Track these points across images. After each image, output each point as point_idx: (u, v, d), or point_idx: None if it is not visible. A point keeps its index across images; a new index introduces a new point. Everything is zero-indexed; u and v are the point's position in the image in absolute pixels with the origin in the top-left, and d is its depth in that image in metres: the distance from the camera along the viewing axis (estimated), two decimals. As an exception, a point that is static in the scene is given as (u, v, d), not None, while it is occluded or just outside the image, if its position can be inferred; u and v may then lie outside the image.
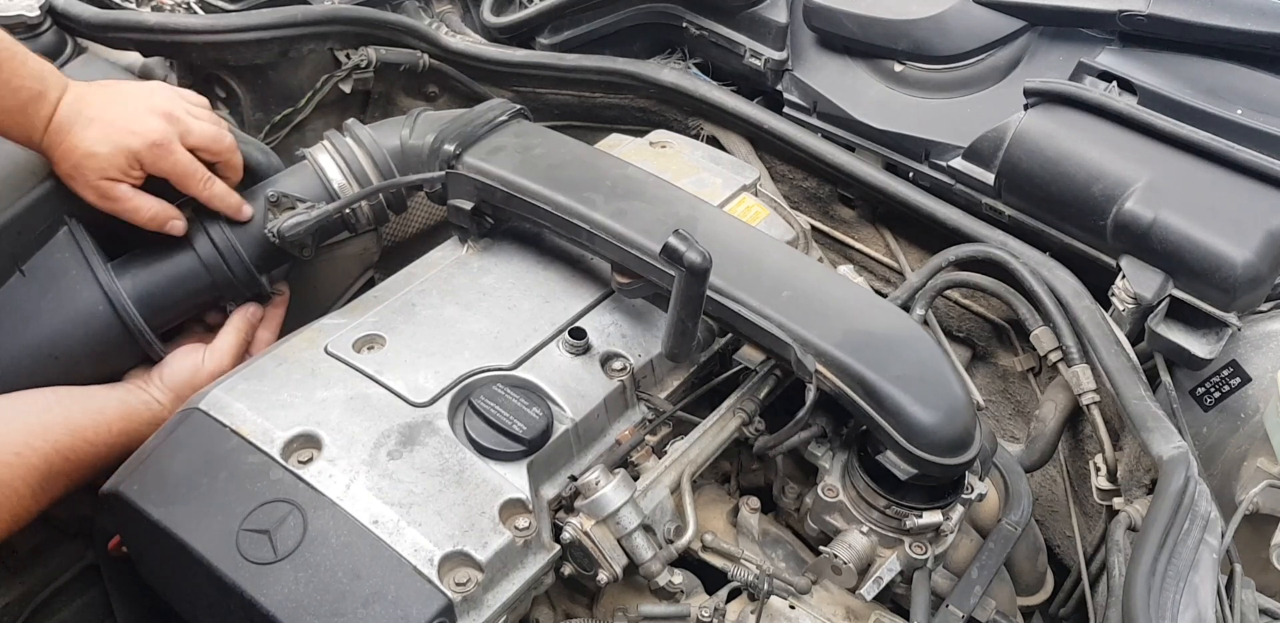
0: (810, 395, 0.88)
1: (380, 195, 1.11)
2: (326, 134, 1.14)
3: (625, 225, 0.97)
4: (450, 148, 1.07)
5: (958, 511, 0.92)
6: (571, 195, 1.01)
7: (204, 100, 1.08)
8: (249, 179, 1.15)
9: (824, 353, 0.89)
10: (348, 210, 1.09)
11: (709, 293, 0.92)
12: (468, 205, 1.06)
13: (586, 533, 0.91)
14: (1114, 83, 1.18)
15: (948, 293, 1.29)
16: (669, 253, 0.82)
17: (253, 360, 0.98)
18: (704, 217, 1.02)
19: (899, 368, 0.88)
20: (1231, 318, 1.06)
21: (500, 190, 1.03)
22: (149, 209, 1.00)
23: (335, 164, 1.11)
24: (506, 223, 1.12)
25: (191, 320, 1.12)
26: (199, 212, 1.06)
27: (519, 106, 1.16)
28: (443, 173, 1.07)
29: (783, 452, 0.98)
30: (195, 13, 1.35)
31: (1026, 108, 1.21)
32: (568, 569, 0.95)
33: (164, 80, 1.32)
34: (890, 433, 0.86)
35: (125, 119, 0.97)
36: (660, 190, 1.05)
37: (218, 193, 1.04)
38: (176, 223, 1.02)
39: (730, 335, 1.08)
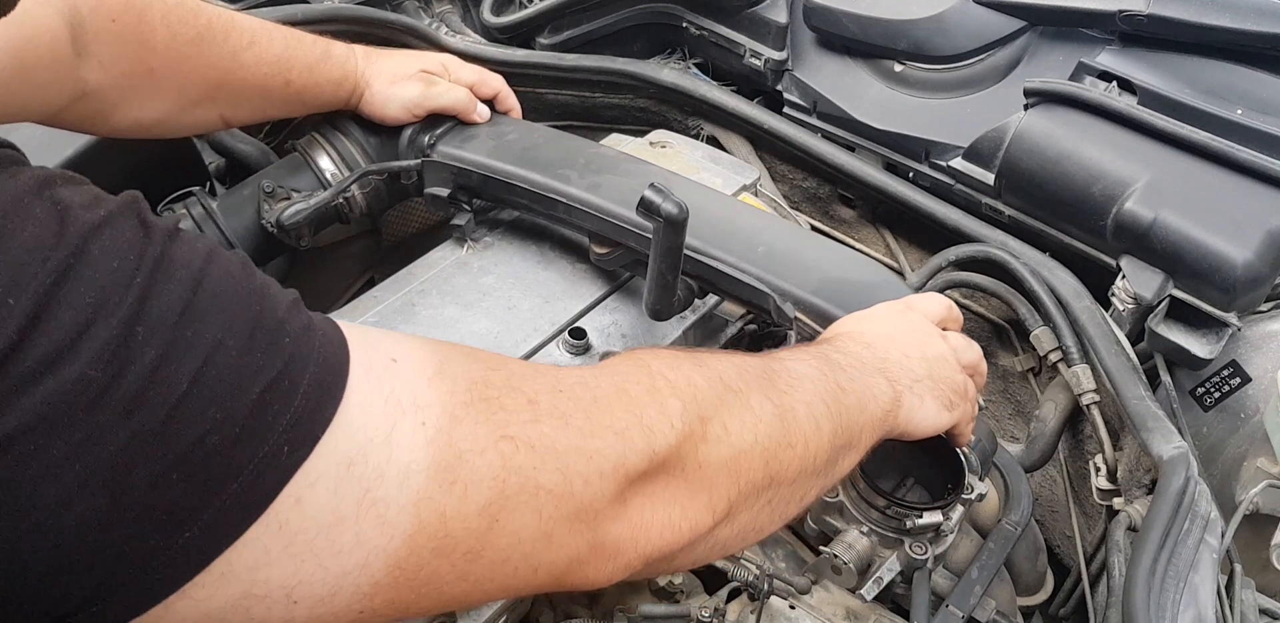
0: (792, 342, 0.90)
1: (372, 184, 1.12)
2: (315, 127, 1.15)
3: (600, 197, 0.99)
4: (425, 138, 1.09)
5: (958, 511, 0.92)
6: (546, 173, 1.03)
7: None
8: (242, 175, 1.15)
9: (801, 300, 0.91)
10: (341, 199, 1.10)
11: (687, 251, 0.93)
12: (444, 192, 1.09)
13: (586, 533, 0.90)
14: (1114, 83, 1.18)
15: (948, 293, 1.29)
16: (646, 205, 0.83)
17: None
18: (678, 186, 1.03)
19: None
20: (1231, 318, 1.06)
21: (476, 174, 1.05)
22: (457, 91, 1.11)
23: (326, 153, 1.12)
24: (487, 212, 1.14)
25: None
26: (192, 208, 1.06)
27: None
28: (418, 161, 1.08)
29: None
30: (195, 12, 1.35)
31: (1026, 108, 1.21)
32: (568, 569, 0.95)
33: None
34: None
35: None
36: (632, 165, 1.07)
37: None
38: (484, 108, 1.14)
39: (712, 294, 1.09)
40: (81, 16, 0.82)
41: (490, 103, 1.16)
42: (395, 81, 1.08)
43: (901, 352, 0.77)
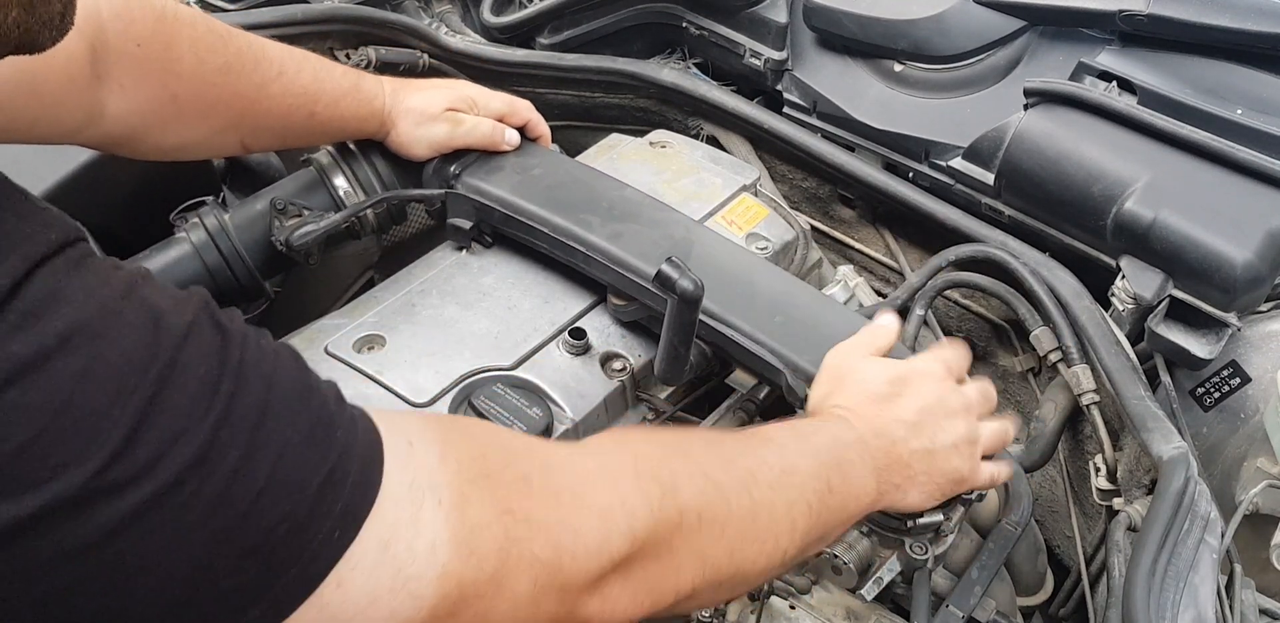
0: None
1: (385, 205, 1.11)
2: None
3: (621, 248, 0.98)
4: (450, 168, 1.08)
5: (958, 511, 0.92)
6: (568, 217, 1.02)
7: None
8: (249, 179, 1.15)
9: (815, 379, 0.89)
10: (353, 219, 1.09)
11: (702, 317, 0.93)
12: (467, 224, 1.08)
13: (586, 533, 0.90)
14: (1114, 83, 1.18)
15: (948, 293, 1.29)
16: (662, 280, 0.83)
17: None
18: (699, 240, 1.03)
19: None
20: (1231, 318, 1.06)
21: (499, 211, 1.05)
22: (484, 125, 1.10)
23: (341, 171, 1.11)
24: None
25: None
26: (205, 218, 1.06)
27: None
28: (443, 191, 1.08)
29: None
30: (195, 13, 1.35)
31: (1026, 108, 1.21)
32: (568, 570, 0.95)
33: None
34: None
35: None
36: (656, 212, 1.06)
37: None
38: (513, 135, 1.12)
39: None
40: (106, 39, 0.82)
41: (521, 129, 1.15)
42: (422, 122, 1.07)
43: (909, 447, 0.76)
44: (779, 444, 0.70)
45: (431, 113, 1.07)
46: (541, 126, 1.18)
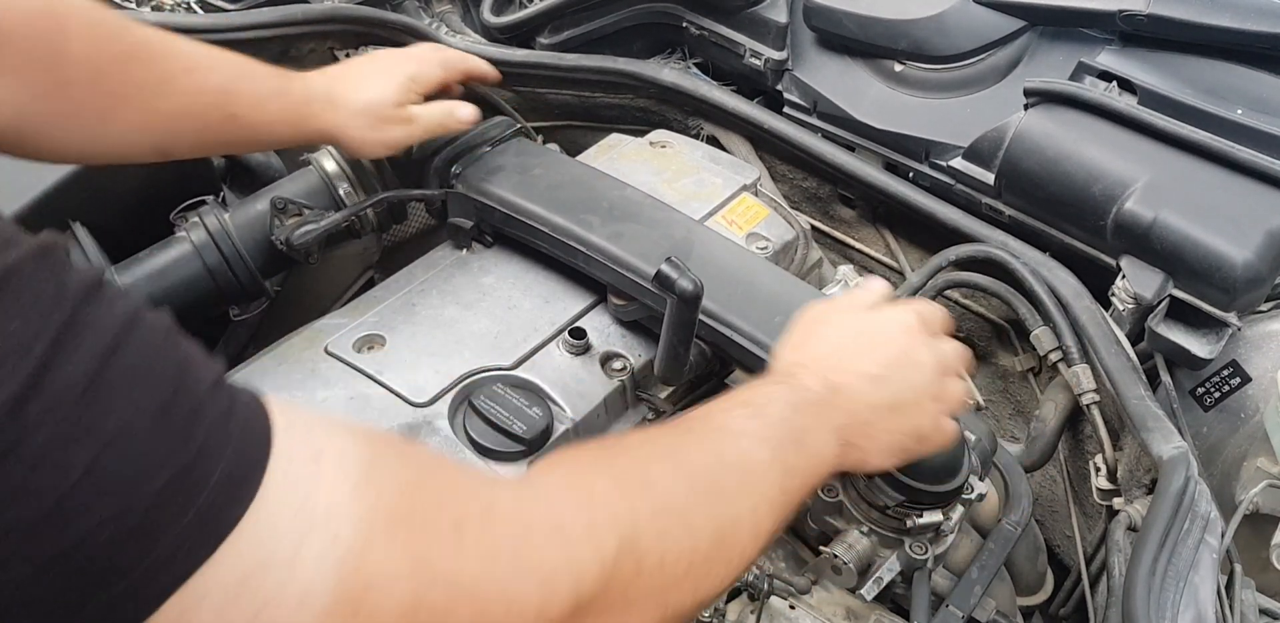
0: None
1: (385, 204, 1.11)
2: None
3: (621, 248, 0.98)
4: (451, 167, 1.08)
5: (958, 511, 0.92)
6: (569, 217, 1.02)
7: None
8: (250, 179, 1.15)
9: None
10: (353, 217, 1.09)
11: (702, 317, 0.92)
12: (467, 224, 1.08)
13: (586, 533, 0.90)
14: (1114, 83, 1.18)
15: (948, 293, 1.29)
16: (661, 280, 0.82)
17: (252, 360, 0.98)
18: (699, 240, 1.02)
19: None
20: (1231, 318, 1.06)
21: (499, 211, 1.05)
22: (435, 113, 1.04)
23: (340, 170, 1.11)
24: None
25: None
26: (205, 218, 1.06)
27: (521, 124, 1.18)
28: (443, 191, 1.08)
29: None
30: (195, 12, 1.35)
31: (1026, 108, 1.21)
32: (568, 569, 0.95)
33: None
34: None
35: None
36: (657, 212, 1.06)
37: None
38: (463, 111, 1.06)
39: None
40: None
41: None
42: (374, 125, 1.00)
43: (870, 402, 0.72)
44: (736, 433, 0.64)
45: (382, 114, 1.00)
46: (481, 68, 1.15)
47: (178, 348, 0.41)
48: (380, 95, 1.00)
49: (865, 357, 0.74)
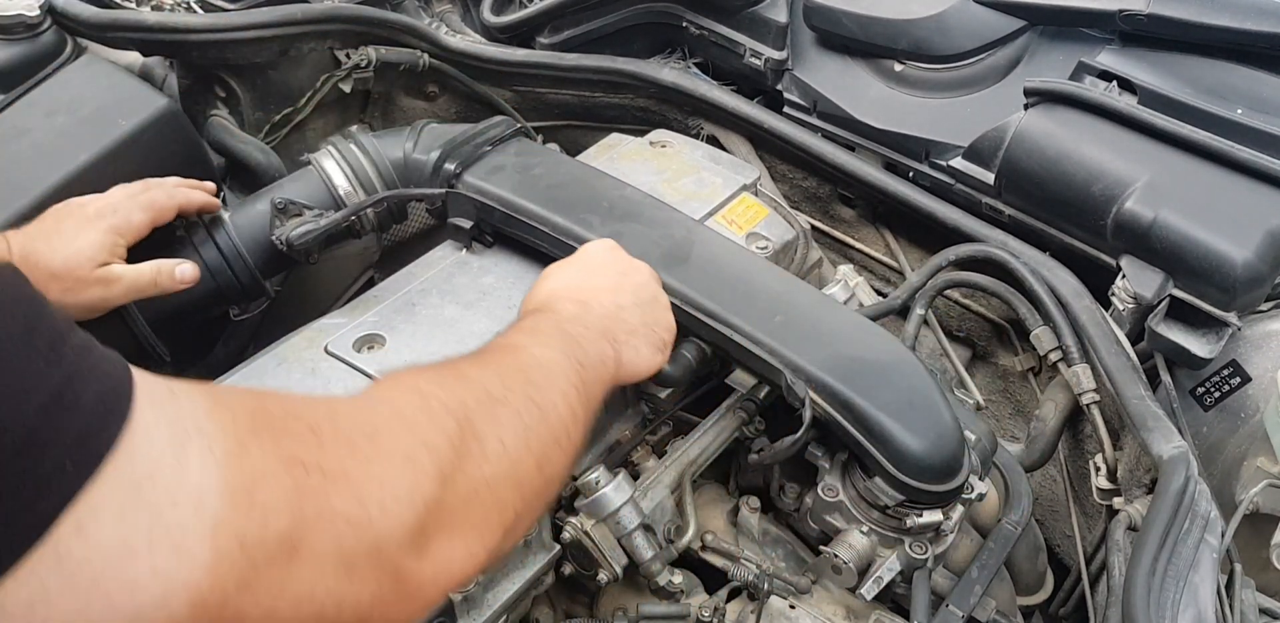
0: (805, 420, 0.89)
1: (385, 204, 1.11)
2: (331, 140, 1.14)
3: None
4: (451, 167, 1.08)
5: (958, 510, 0.92)
6: (569, 216, 1.02)
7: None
8: (249, 179, 1.14)
9: (814, 379, 0.89)
10: (353, 217, 1.09)
11: (703, 317, 0.93)
12: (467, 224, 1.08)
13: (587, 533, 0.91)
14: (1114, 82, 1.18)
15: (948, 292, 1.29)
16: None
17: (252, 360, 0.98)
18: (699, 240, 1.03)
19: (888, 395, 0.88)
20: (1231, 318, 1.06)
21: (499, 211, 1.05)
22: (144, 273, 0.96)
23: (341, 170, 1.11)
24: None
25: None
26: (204, 218, 1.06)
27: (521, 124, 1.17)
28: (443, 191, 1.08)
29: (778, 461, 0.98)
30: (195, 12, 1.35)
31: (1026, 107, 1.21)
32: (568, 569, 0.95)
33: (164, 80, 1.32)
34: (879, 459, 0.87)
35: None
36: (657, 212, 1.06)
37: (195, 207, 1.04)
38: (184, 268, 0.99)
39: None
40: None
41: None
42: (71, 288, 0.91)
43: (616, 303, 0.84)
44: (524, 345, 0.71)
45: (78, 275, 0.91)
46: (198, 200, 1.04)
47: (27, 285, 0.42)
48: (76, 255, 0.92)
49: (594, 277, 0.87)
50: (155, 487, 0.40)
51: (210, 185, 1.08)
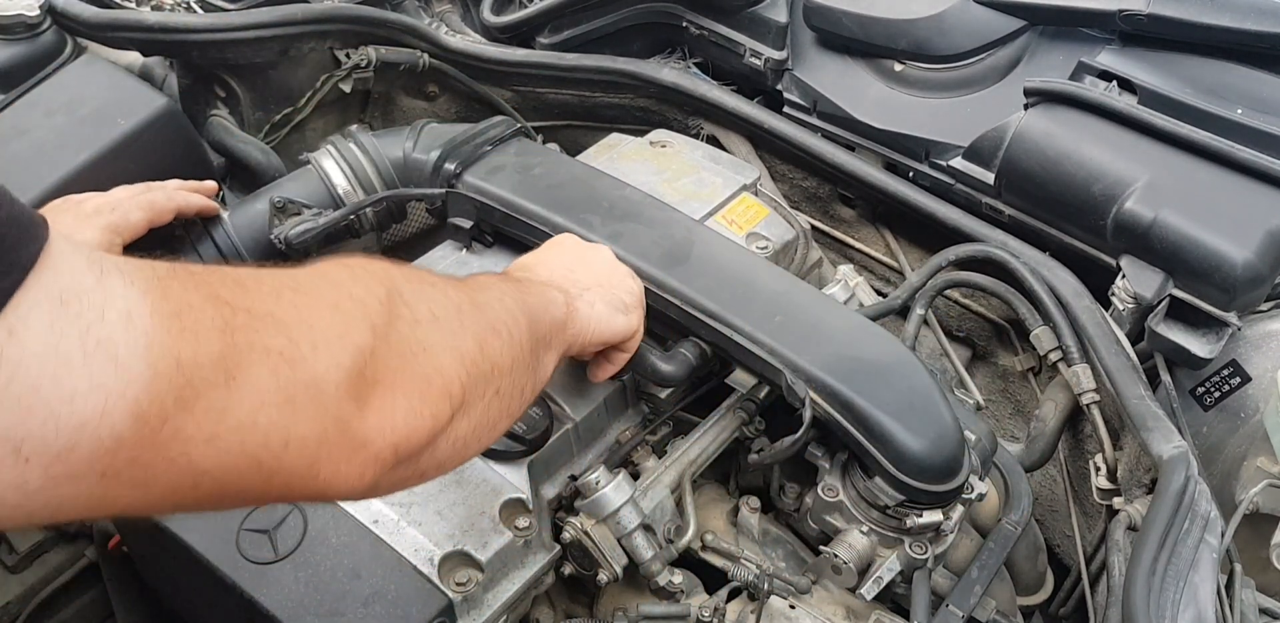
0: (806, 420, 0.89)
1: (384, 203, 1.11)
2: (330, 139, 1.14)
3: (621, 247, 0.98)
4: (451, 167, 1.08)
5: (958, 510, 0.92)
6: (569, 216, 1.02)
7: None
8: (249, 179, 1.14)
9: (815, 379, 0.89)
10: (352, 216, 1.09)
11: (703, 317, 0.93)
12: (467, 224, 1.08)
13: (587, 533, 0.91)
14: (1114, 82, 1.18)
15: (948, 292, 1.29)
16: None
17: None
18: (699, 239, 1.03)
19: (888, 395, 0.88)
20: (1231, 318, 1.06)
21: (499, 211, 1.05)
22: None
23: (340, 170, 1.11)
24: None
25: None
26: (203, 217, 1.06)
27: (521, 124, 1.17)
28: (443, 190, 1.08)
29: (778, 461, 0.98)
30: (195, 12, 1.35)
31: (1026, 107, 1.21)
32: (568, 569, 0.95)
33: (164, 80, 1.32)
34: (879, 459, 0.87)
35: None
36: (657, 212, 1.06)
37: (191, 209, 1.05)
38: None
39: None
40: None
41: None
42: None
43: (566, 267, 0.87)
44: (474, 285, 0.70)
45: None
46: (198, 204, 1.05)
47: None
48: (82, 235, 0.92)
49: (555, 259, 0.90)
50: (81, 302, 0.40)
51: (211, 186, 1.08)
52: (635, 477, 0.96)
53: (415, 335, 0.57)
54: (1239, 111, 1.10)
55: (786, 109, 1.49)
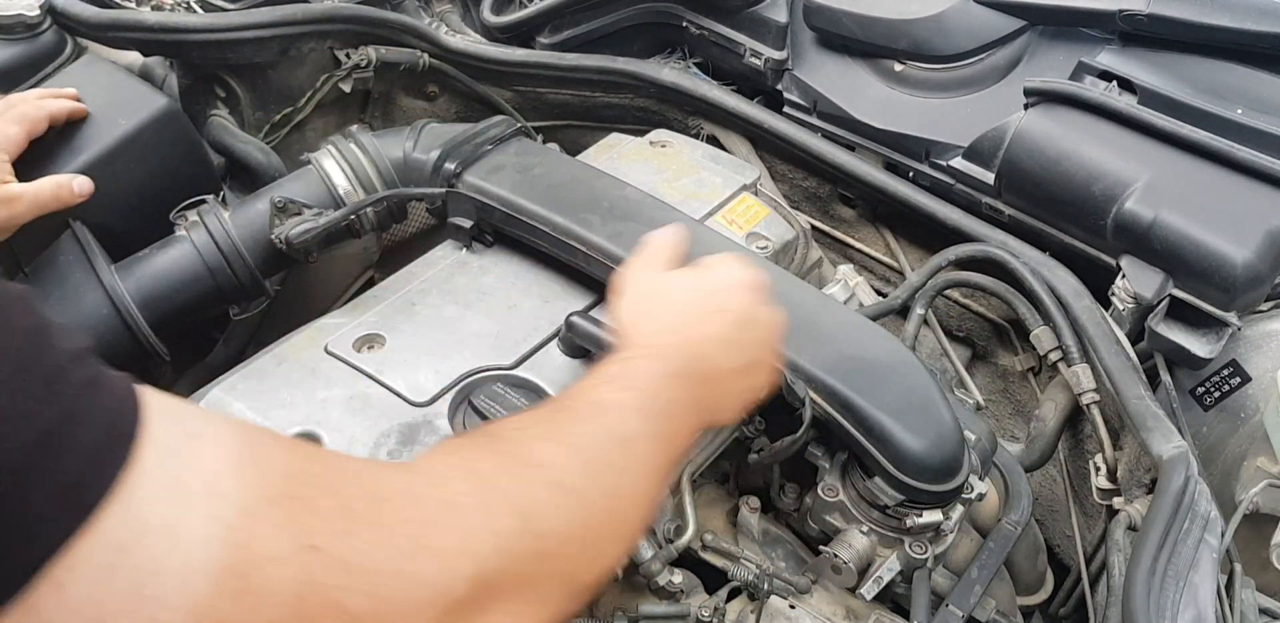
0: (805, 420, 0.89)
1: (385, 203, 1.11)
2: (330, 139, 1.14)
3: (621, 247, 0.98)
4: (451, 167, 1.08)
5: (958, 510, 0.92)
6: (569, 216, 1.02)
7: None
8: (249, 179, 1.14)
9: (814, 378, 0.89)
10: (352, 216, 1.09)
11: None
12: (467, 224, 1.08)
13: (586, 533, 0.90)
14: (1114, 82, 1.18)
15: (948, 292, 1.29)
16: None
17: (252, 360, 0.98)
18: (699, 239, 1.02)
19: (888, 395, 0.88)
20: (1231, 317, 1.06)
21: (499, 210, 1.05)
22: (45, 189, 0.97)
23: (340, 170, 1.11)
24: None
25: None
26: (205, 217, 1.06)
27: (521, 124, 1.17)
28: (443, 190, 1.08)
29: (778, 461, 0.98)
30: (195, 12, 1.35)
31: (1026, 107, 1.21)
32: (568, 569, 0.95)
33: (164, 80, 1.32)
34: (878, 460, 0.87)
35: None
36: (657, 212, 1.06)
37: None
38: (81, 181, 0.99)
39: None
40: None
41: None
42: None
43: (729, 367, 0.74)
44: (612, 407, 0.64)
45: None
46: (68, 108, 1.06)
47: (31, 314, 0.39)
48: None
49: (715, 320, 0.76)
50: (142, 552, 0.37)
51: (72, 91, 1.08)
52: (635, 477, 0.96)
53: (530, 576, 0.52)
54: (1239, 111, 1.10)
55: (786, 109, 1.49)
